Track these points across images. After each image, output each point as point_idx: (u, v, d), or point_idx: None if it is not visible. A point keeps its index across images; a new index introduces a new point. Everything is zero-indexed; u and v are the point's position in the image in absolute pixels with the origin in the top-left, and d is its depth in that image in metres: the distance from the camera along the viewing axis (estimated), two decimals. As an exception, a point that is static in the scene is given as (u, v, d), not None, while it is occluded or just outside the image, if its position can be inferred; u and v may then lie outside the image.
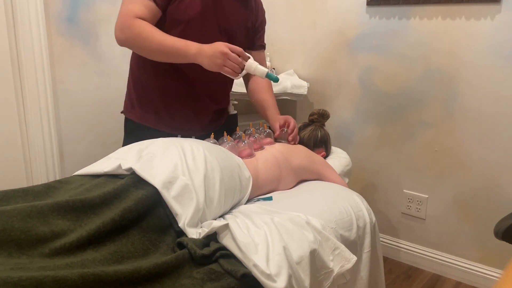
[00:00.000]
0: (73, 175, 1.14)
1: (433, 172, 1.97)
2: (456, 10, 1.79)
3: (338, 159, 1.72)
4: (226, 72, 1.27)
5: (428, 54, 1.89)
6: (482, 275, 1.90)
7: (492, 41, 1.73)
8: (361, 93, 2.13)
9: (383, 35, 2.00)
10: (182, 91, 1.46)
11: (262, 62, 1.62)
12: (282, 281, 0.89)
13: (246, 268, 0.89)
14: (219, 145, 1.35)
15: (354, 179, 2.17)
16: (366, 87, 2.10)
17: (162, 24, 1.35)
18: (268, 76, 1.29)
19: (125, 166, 1.06)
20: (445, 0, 1.80)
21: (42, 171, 1.71)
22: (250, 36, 1.57)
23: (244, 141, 1.37)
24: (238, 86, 1.91)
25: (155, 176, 1.02)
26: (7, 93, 1.60)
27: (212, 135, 1.39)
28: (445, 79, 1.87)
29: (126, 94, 1.54)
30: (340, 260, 1.07)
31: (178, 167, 1.06)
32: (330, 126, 1.99)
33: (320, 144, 1.68)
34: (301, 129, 1.72)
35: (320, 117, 1.74)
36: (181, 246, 0.93)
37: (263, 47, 1.65)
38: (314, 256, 1.02)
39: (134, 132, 1.50)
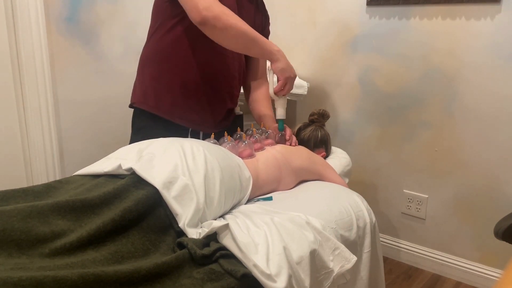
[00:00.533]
0: (73, 175, 1.14)
1: (433, 172, 1.97)
2: (456, 10, 1.79)
3: (338, 159, 1.72)
4: (280, 83, 1.42)
5: (428, 54, 1.89)
6: (482, 275, 1.91)
7: (492, 41, 1.73)
8: (361, 93, 2.12)
9: (383, 35, 2.00)
10: (203, 86, 1.46)
11: (265, 65, 1.65)
12: (282, 281, 0.89)
13: (246, 268, 0.89)
14: (219, 145, 1.35)
15: (354, 179, 2.17)
16: (366, 87, 2.10)
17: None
18: (278, 121, 1.50)
19: (125, 166, 1.06)
20: (445, 0, 1.80)
21: (42, 171, 1.71)
22: None
23: (244, 141, 1.37)
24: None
25: (155, 176, 1.02)
26: (7, 93, 1.60)
27: (213, 135, 1.39)
28: (445, 79, 1.87)
29: (137, 86, 1.50)
30: (340, 260, 1.07)
31: (178, 167, 1.06)
32: (330, 126, 1.98)
33: (320, 144, 1.68)
34: (301, 129, 1.72)
35: (320, 117, 1.74)
36: (181, 246, 0.93)
37: None
38: (314, 256, 1.02)
39: (142, 130, 1.48)
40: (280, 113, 1.50)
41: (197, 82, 1.44)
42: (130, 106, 1.52)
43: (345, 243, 1.15)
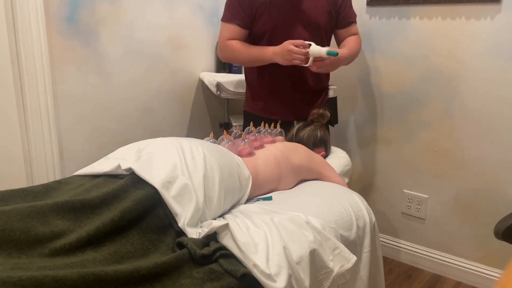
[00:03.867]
0: (73, 175, 1.14)
1: (433, 172, 1.97)
2: (456, 10, 1.79)
3: (338, 159, 1.72)
4: (296, 63, 1.57)
5: (428, 54, 1.89)
6: (482, 275, 1.90)
7: (492, 42, 1.73)
8: (361, 93, 2.12)
9: (383, 35, 2.00)
10: (289, 84, 1.75)
11: (352, 36, 1.82)
12: (282, 281, 0.89)
13: (246, 268, 0.89)
14: (219, 143, 1.35)
15: (354, 179, 2.17)
16: (366, 87, 2.10)
17: (252, 37, 1.72)
18: (329, 53, 1.54)
19: (124, 166, 1.06)
20: (445, 0, 1.80)
21: (42, 171, 1.71)
22: (334, 19, 1.76)
23: (244, 140, 1.37)
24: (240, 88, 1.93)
25: (154, 176, 1.02)
26: (7, 93, 1.60)
27: (212, 134, 1.39)
28: (445, 79, 1.87)
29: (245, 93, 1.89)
30: (340, 260, 1.07)
31: (177, 167, 1.06)
32: (329, 126, 1.98)
33: (319, 144, 1.68)
34: (300, 129, 1.72)
35: (320, 117, 1.74)
36: (181, 246, 0.93)
37: (350, 22, 1.80)
38: (314, 256, 1.02)
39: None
40: (323, 52, 1.54)
41: (285, 84, 1.76)
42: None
43: (344, 243, 1.15)
